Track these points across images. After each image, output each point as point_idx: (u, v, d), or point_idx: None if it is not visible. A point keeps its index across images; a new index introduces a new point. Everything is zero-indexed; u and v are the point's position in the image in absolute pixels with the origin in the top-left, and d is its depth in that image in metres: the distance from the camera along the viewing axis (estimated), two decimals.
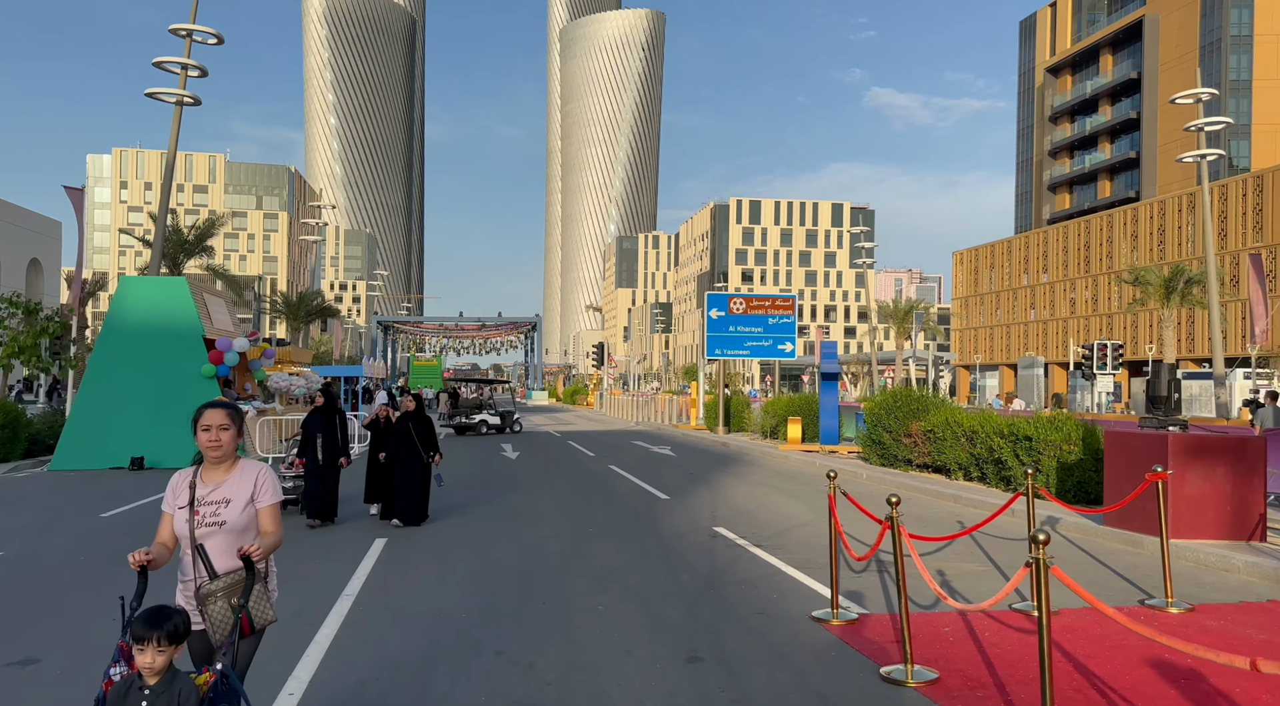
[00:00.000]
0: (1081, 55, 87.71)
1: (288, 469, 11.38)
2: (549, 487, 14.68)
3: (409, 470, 10.52)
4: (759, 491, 14.11)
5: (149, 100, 26.10)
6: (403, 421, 10.77)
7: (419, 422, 10.76)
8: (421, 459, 10.60)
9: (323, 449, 10.66)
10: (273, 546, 3.45)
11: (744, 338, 27.46)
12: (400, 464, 10.54)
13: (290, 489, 11.32)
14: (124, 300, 19.00)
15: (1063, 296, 79.60)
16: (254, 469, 3.54)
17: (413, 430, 10.66)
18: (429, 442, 10.72)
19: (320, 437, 10.66)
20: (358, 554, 8.85)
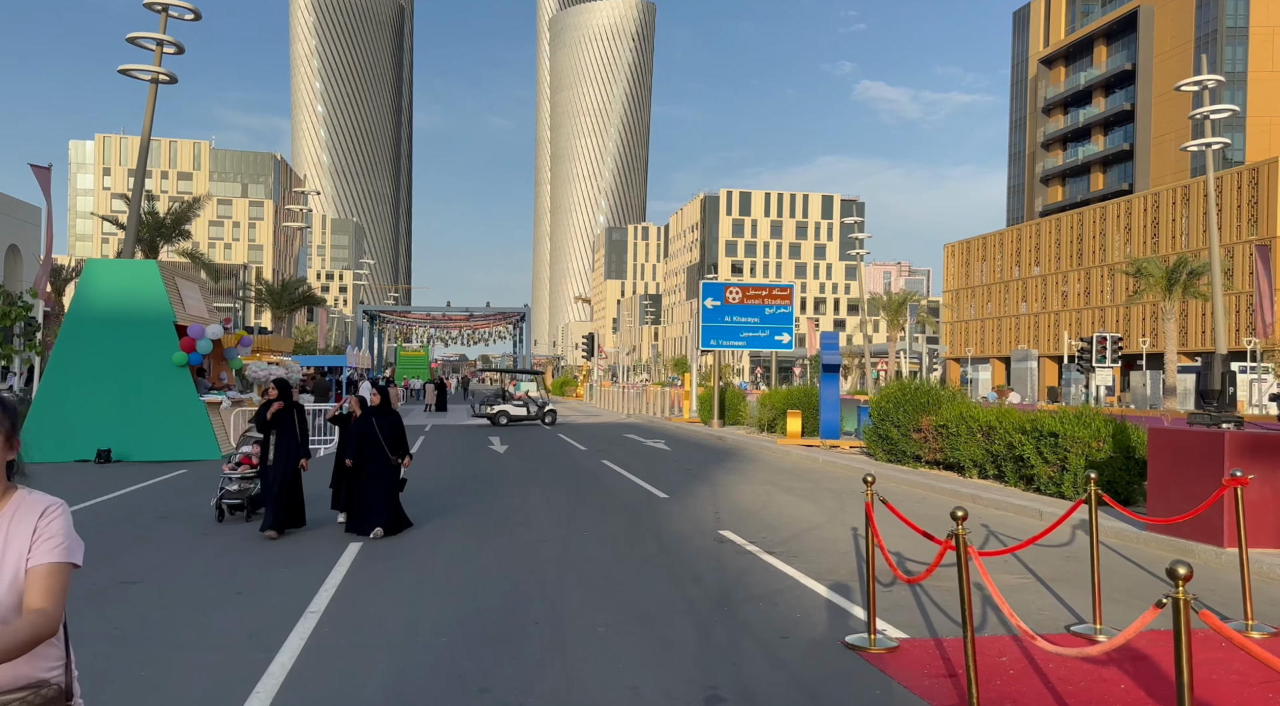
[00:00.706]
0: (1075, 46, 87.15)
1: (234, 468, 10.20)
2: (539, 485, 13.81)
3: (375, 476, 9.17)
4: (762, 490, 13.28)
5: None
6: (365, 419, 9.27)
7: (384, 419, 9.29)
8: (388, 461, 9.21)
9: (277, 447, 9.34)
10: (36, 637, 1.96)
11: (740, 328, 26.63)
12: (365, 468, 9.18)
13: (236, 491, 10.14)
14: (90, 284, 17.97)
15: (1055, 289, 79.19)
16: (36, 506, 2.25)
17: (377, 428, 9.19)
18: (397, 443, 9.30)
19: (275, 435, 9.36)
20: (327, 562, 7.96)
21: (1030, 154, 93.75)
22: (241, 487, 10.13)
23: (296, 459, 9.31)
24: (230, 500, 10.07)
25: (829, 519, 10.62)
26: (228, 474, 10.16)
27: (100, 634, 5.81)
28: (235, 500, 10.07)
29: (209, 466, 16.32)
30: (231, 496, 10.09)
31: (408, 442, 9.42)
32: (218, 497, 10.11)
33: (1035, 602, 6.83)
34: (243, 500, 10.13)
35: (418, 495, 12.44)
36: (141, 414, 17.73)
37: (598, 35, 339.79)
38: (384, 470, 9.15)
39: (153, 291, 18.16)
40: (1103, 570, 7.69)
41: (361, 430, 9.19)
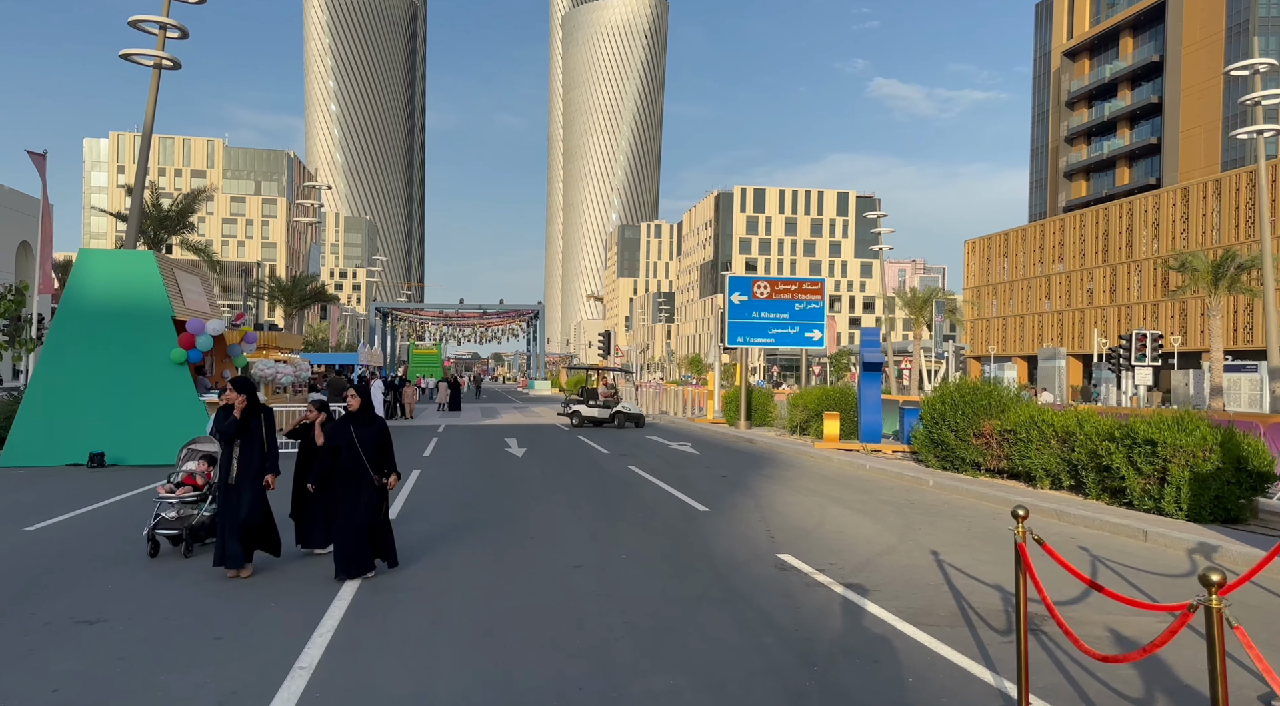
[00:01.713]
0: (1100, 38, 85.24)
1: (171, 490, 8.34)
2: (564, 495, 12.56)
3: (352, 498, 7.18)
4: (812, 502, 11.98)
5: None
6: (342, 427, 7.26)
7: (366, 428, 7.28)
8: (370, 482, 7.25)
9: (241, 462, 7.36)
10: None
11: (768, 324, 25.30)
12: (343, 492, 7.19)
13: (175, 519, 8.23)
14: (83, 276, 16.84)
15: (1079, 286, 77.43)
16: None
17: (357, 440, 7.18)
18: (381, 459, 7.31)
19: (238, 448, 7.36)
20: (321, 601, 6.71)
21: (1053, 148, 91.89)
22: (182, 514, 8.29)
23: (262, 476, 7.44)
24: (166, 530, 8.25)
25: (899, 539, 9.30)
26: (164, 497, 8.30)
27: (35, 697, 4.60)
28: (173, 530, 8.24)
29: None
30: (169, 525, 8.26)
31: (394, 457, 7.49)
32: (150, 526, 8.23)
33: (1235, 675, 5.51)
34: (182, 530, 8.24)
35: (430, 507, 11.22)
36: (137, 415, 16.59)
37: (611, 33, 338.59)
38: (366, 493, 7.24)
39: (149, 284, 17.01)
40: (1235, 604, 6.36)
41: (337, 443, 7.21)
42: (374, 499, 7.33)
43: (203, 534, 8.37)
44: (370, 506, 7.30)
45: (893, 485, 13.79)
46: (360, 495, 7.23)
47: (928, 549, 8.79)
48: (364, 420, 7.33)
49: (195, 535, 8.30)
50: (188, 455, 8.86)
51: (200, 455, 8.74)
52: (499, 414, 35.44)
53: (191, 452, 8.85)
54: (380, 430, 7.36)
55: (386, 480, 7.36)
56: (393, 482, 7.38)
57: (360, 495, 7.23)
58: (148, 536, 8.23)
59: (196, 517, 8.30)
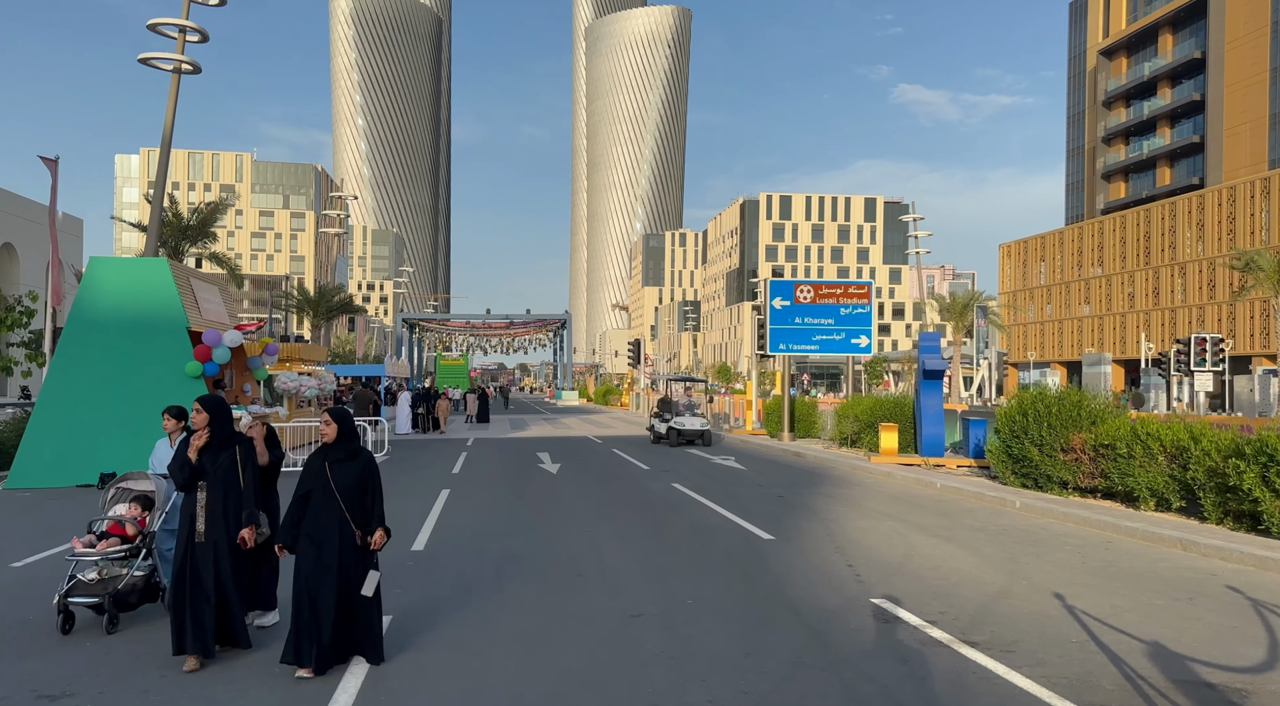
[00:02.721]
0: (1138, 36, 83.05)
1: (91, 544, 6.35)
2: (607, 519, 11.34)
3: (319, 564, 5.21)
4: (889, 528, 10.65)
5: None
6: (314, 465, 5.35)
7: (345, 465, 5.34)
8: (349, 538, 5.28)
9: (209, 508, 5.50)
10: None
11: (812, 330, 23.97)
12: (307, 548, 5.26)
13: (95, 583, 6.16)
14: (94, 285, 15.92)
15: (1120, 290, 75.21)
16: None
17: (333, 480, 5.27)
18: (366, 505, 5.38)
19: (204, 492, 5.51)
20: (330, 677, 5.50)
21: (1090, 149, 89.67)
22: (106, 575, 6.23)
23: (236, 529, 5.55)
24: (83, 598, 6.13)
25: (1008, 578, 7.97)
26: (78, 554, 6.25)
27: None
28: (91, 598, 6.13)
29: None
30: (85, 591, 6.13)
31: (383, 504, 5.50)
32: (62, 592, 6.18)
33: None
34: (104, 597, 6.11)
35: (460, 536, 10.04)
36: (150, 432, 15.56)
37: (634, 42, 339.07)
38: (341, 556, 5.23)
39: (164, 293, 16.07)
40: None
41: (306, 487, 5.30)
42: (353, 565, 5.27)
43: (134, 600, 6.36)
44: (345, 577, 5.22)
45: (973, 507, 12.41)
46: (332, 559, 5.20)
47: (1047, 590, 7.45)
48: (343, 454, 5.33)
49: (121, 603, 6.26)
50: (116, 495, 6.77)
51: (133, 495, 6.71)
52: (528, 426, 34.34)
53: (121, 493, 6.76)
54: (365, 468, 5.40)
55: (371, 537, 5.34)
56: (379, 542, 5.35)
57: (332, 559, 5.20)
58: (58, 607, 6.18)
59: (124, 579, 6.25)
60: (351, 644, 5.38)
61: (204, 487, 5.57)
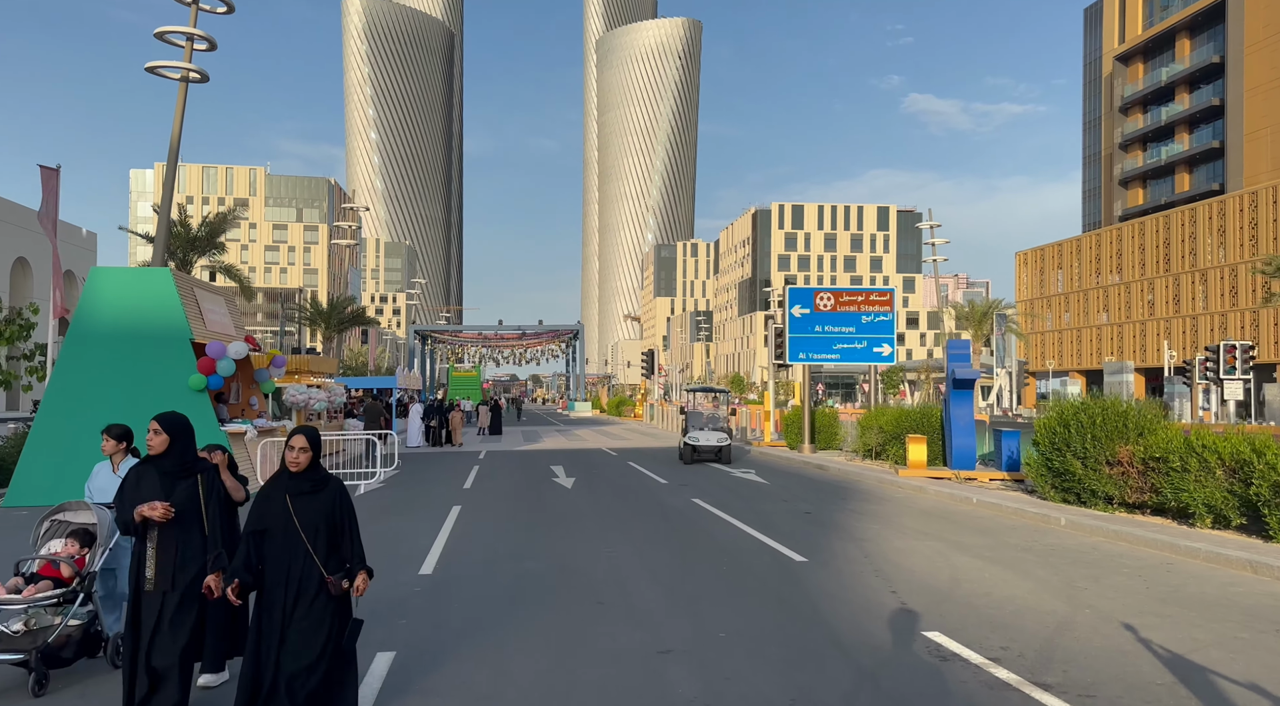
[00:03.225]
0: (1155, 41, 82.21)
1: (18, 588, 5.33)
2: (627, 538, 10.71)
3: (285, 615, 4.30)
4: (929, 549, 9.97)
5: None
6: (272, 496, 4.37)
7: (310, 497, 4.38)
8: (317, 585, 4.35)
9: (160, 550, 4.58)
10: None
11: (832, 338, 23.30)
12: (266, 597, 4.35)
13: (19, 635, 5.14)
14: (95, 296, 15.47)
15: (1140, 297, 74.20)
16: None
17: (295, 515, 4.32)
18: (337, 544, 4.43)
19: (156, 530, 4.61)
20: None
21: (1107, 156, 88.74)
22: (35, 626, 5.18)
23: (200, 578, 4.60)
24: (4, 653, 5.15)
25: (1069, 606, 7.29)
26: (4, 601, 5.21)
27: None
28: (14, 653, 5.13)
29: None
30: (8, 645, 5.13)
31: (361, 542, 4.50)
32: None
33: None
34: (30, 653, 5.12)
35: (471, 557, 9.43)
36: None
37: (644, 55, 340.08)
38: (314, 606, 4.31)
39: (166, 304, 15.60)
40: None
41: (263, 524, 4.31)
42: (322, 620, 4.30)
43: (68, 655, 5.30)
44: (312, 635, 4.25)
45: (1015, 524, 11.71)
46: (297, 612, 4.26)
47: (1115, 621, 6.77)
48: (309, 484, 4.35)
49: (53, 659, 5.19)
50: (50, 530, 5.69)
51: (70, 529, 5.66)
52: (541, 438, 33.75)
53: (57, 526, 5.68)
54: (336, 501, 4.40)
55: (347, 583, 4.36)
56: (361, 588, 4.38)
57: (297, 612, 4.26)
58: None
59: (57, 631, 5.17)
60: None
61: (155, 526, 4.57)
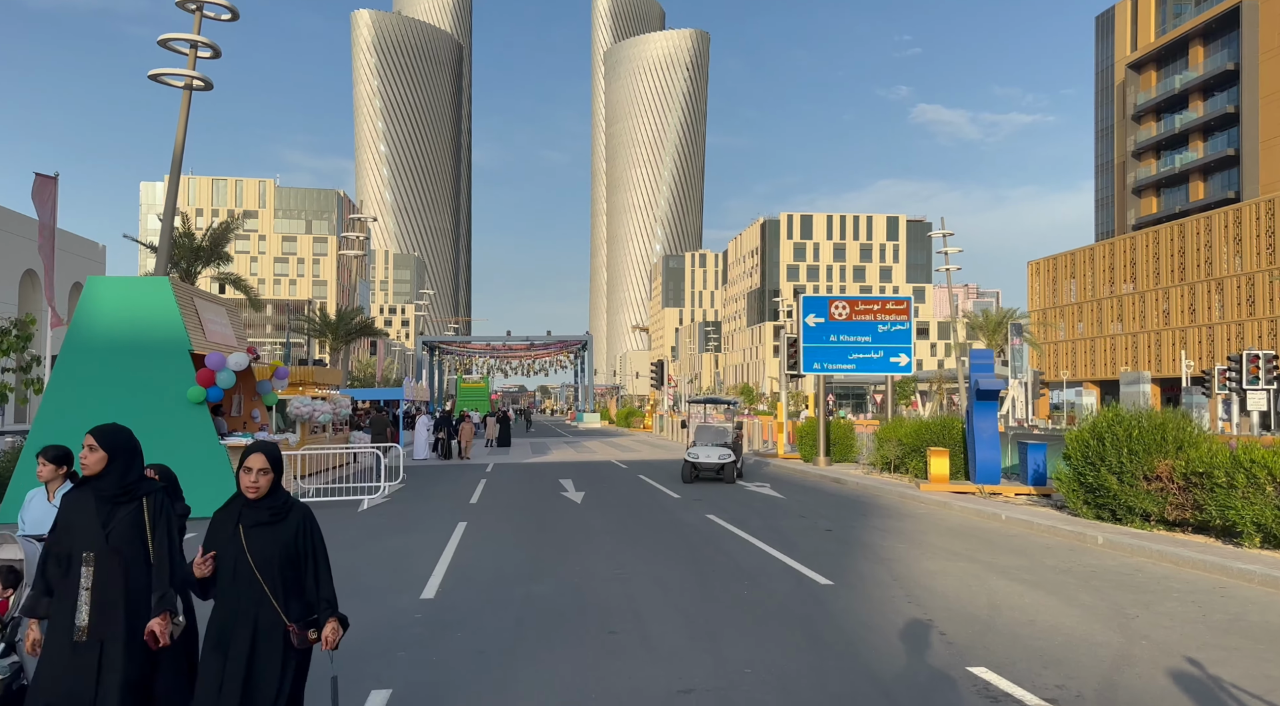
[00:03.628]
0: (1168, 49, 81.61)
1: None
2: (640, 558, 10.17)
3: (238, 671, 3.52)
4: (962, 571, 9.40)
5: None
6: (226, 525, 3.65)
7: (268, 529, 3.63)
8: (279, 633, 3.63)
9: (92, 596, 3.76)
10: None
11: (848, 348, 22.74)
12: (216, 655, 3.57)
13: None
14: (91, 306, 15.06)
15: (1154, 306, 73.37)
16: None
17: (248, 550, 3.58)
18: (301, 583, 3.73)
19: (92, 567, 3.76)
20: None
21: (1119, 164, 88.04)
22: None
23: (140, 625, 3.76)
24: None
25: (1122, 637, 6.71)
26: None
27: None
28: None
29: None
30: None
31: (331, 582, 3.83)
32: None
33: None
34: None
35: (476, 580, 8.90)
36: (150, 461, 14.66)
37: (652, 66, 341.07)
38: (271, 659, 3.59)
39: (165, 313, 15.17)
40: None
41: (225, 552, 3.62)
42: (281, 676, 3.58)
43: None
44: (268, 694, 3.53)
45: (1049, 543, 11.11)
46: (253, 668, 3.53)
47: (1177, 654, 6.19)
48: (267, 513, 3.59)
49: None
50: None
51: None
52: (549, 450, 33.23)
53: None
54: (300, 532, 3.65)
55: (313, 634, 3.67)
56: (331, 639, 3.68)
57: (253, 668, 3.53)
58: None
59: None
60: None
61: (91, 560, 3.72)
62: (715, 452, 19.43)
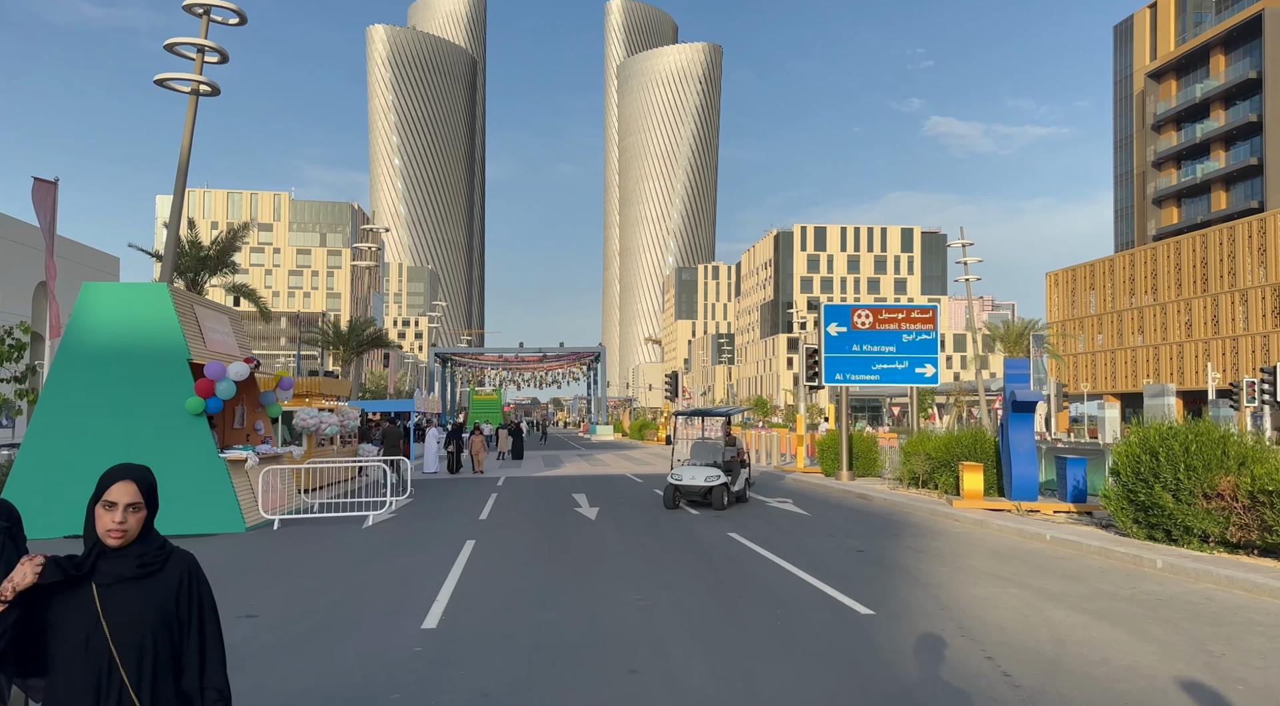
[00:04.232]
0: (1188, 57, 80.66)
1: None
2: (660, 581, 9.42)
3: None
4: (1013, 599, 8.59)
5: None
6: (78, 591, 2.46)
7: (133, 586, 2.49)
8: None
9: None
10: None
11: (871, 358, 21.95)
12: None
13: None
14: (86, 313, 14.49)
15: (1176, 318, 72.10)
16: None
17: (103, 614, 2.45)
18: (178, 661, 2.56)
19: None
20: None
21: (1139, 174, 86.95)
22: None
23: None
24: None
25: (1212, 678, 5.91)
26: None
27: None
28: None
29: (228, 544, 12.46)
30: None
31: (223, 661, 2.63)
32: None
33: None
34: None
35: (483, 606, 8.17)
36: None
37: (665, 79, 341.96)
38: None
39: (163, 321, 14.57)
40: None
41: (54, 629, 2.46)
42: None
43: None
44: None
45: (1103, 567, 10.28)
46: None
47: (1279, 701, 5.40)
48: (134, 565, 2.50)
49: None
50: None
51: None
52: (562, 463, 32.50)
53: None
54: (180, 590, 2.57)
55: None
56: None
57: None
58: None
59: None
60: None
61: None
62: (702, 473, 16.69)
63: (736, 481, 17.59)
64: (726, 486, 16.70)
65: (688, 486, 16.66)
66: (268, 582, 9.48)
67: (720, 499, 16.41)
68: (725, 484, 16.62)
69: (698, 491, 16.71)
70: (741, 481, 17.96)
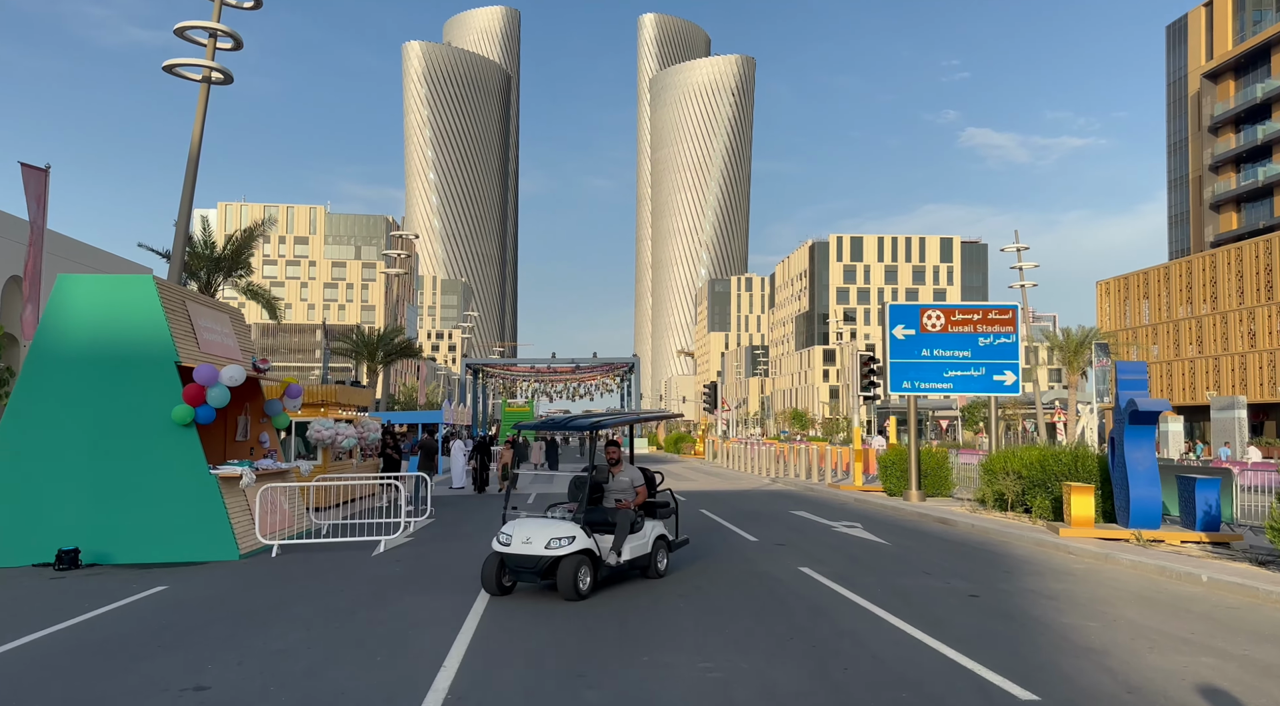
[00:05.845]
0: (1247, 56, 77.28)
1: None
2: (731, 642, 7.29)
3: None
4: (1211, 670, 6.35)
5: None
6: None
7: None
8: None
9: None
10: None
11: (943, 364, 19.66)
12: None
13: None
14: (61, 309, 12.73)
15: (1238, 328, 68.46)
16: None
17: None
18: None
19: None
20: None
21: (1195, 178, 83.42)
22: None
23: None
24: None
25: None
26: None
27: None
28: None
29: (213, 576, 10.56)
30: None
31: None
32: None
33: None
34: None
35: (504, 681, 6.10)
36: (125, 496, 12.21)
37: (698, 92, 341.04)
38: None
39: (148, 318, 12.78)
40: None
41: None
42: None
43: None
44: None
45: None
46: None
47: None
48: None
49: None
50: None
51: None
52: None
53: None
54: None
55: None
56: None
57: None
58: None
59: None
60: None
61: None
62: (545, 533, 9.16)
63: (639, 540, 10.03)
64: (591, 556, 9.31)
65: (516, 555, 9.12)
66: (238, 634, 7.52)
67: (571, 580, 8.95)
68: (586, 551, 9.25)
69: (532, 565, 9.06)
70: (652, 541, 10.24)
